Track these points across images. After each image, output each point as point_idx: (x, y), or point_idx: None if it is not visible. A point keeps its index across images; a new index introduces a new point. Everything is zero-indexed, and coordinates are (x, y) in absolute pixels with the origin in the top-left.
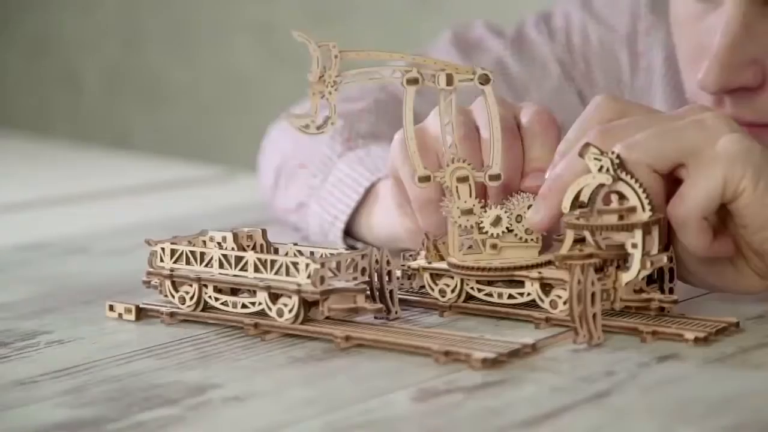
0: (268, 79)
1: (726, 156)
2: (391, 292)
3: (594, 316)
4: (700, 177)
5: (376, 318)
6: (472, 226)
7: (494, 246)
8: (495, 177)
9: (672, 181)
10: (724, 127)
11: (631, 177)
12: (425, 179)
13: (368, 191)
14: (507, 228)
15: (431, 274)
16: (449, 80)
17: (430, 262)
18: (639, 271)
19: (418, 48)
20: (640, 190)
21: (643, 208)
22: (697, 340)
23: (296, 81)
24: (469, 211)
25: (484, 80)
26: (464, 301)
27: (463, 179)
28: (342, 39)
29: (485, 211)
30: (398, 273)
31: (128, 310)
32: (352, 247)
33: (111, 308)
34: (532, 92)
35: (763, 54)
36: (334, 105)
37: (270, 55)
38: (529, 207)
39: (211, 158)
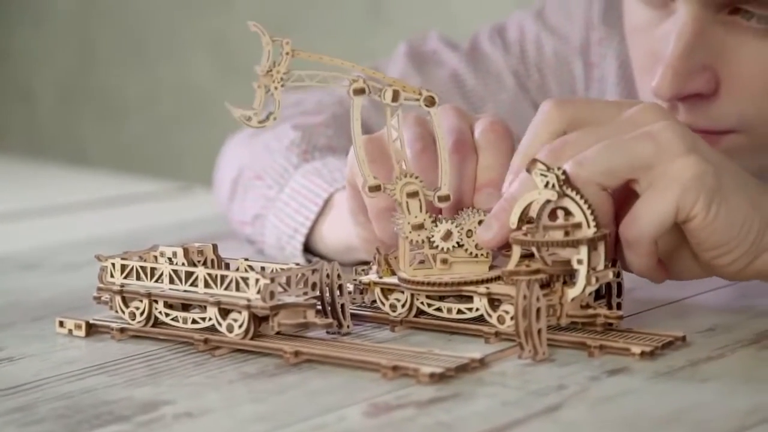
0: (223, 92)
1: (680, 181)
2: (342, 306)
3: (539, 331)
4: (652, 200)
5: (328, 333)
6: (422, 241)
7: (445, 261)
8: (444, 198)
9: (624, 192)
10: (677, 145)
11: (577, 193)
12: (375, 188)
13: (326, 203)
14: (457, 243)
15: (382, 289)
16: (395, 96)
17: (381, 277)
18: (585, 286)
19: (373, 61)
20: (585, 206)
21: (588, 225)
22: (643, 354)
23: (250, 94)
24: (419, 226)
25: (429, 102)
26: (415, 316)
27: (413, 194)
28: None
29: (436, 225)
30: (350, 287)
31: (78, 326)
32: (308, 261)
33: (61, 324)
34: (488, 104)
35: (715, 61)
36: (278, 101)
37: (225, 69)
38: (480, 222)
39: (168, 173)
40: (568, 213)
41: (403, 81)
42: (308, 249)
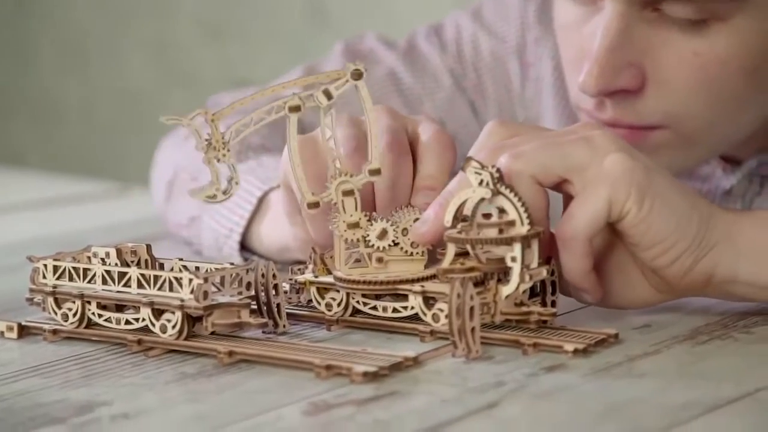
0: (161, 95)
1: (610, 177)
2: (278, 305)
3: (473, 329)
4: (586, 198)
5: (263, 332)
6: (357, 240)
7: (380, 260)
8: (375, 171)
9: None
10: (610, 146)
11: (511, 191)
12: (314, 205)
13: (261, 201)
14: (393, 241)
15: (318, 288)
16: (328, 95)
17: (316, 276)
18: (519, 284)
19: (310, 62)
20: (519, 204)
21: (522, 222)
22: (576, 351)
23: (189, 97)
24: (355, 225)
25: (357, 76)
26: (351, 315)
27: (348, 193)
28: (237, 55)
29: (371, 224)
30: (286, 287)
31: (10, 328)
32: (245, 260)
33: None
34: (425, 103)
35: (641, 57)
36: (232, 164)
37: (163, 72)
38: (416, 220)
39: (108, 176)
40: (502, 211)
41: (320, 74)
42: (247, 248)
